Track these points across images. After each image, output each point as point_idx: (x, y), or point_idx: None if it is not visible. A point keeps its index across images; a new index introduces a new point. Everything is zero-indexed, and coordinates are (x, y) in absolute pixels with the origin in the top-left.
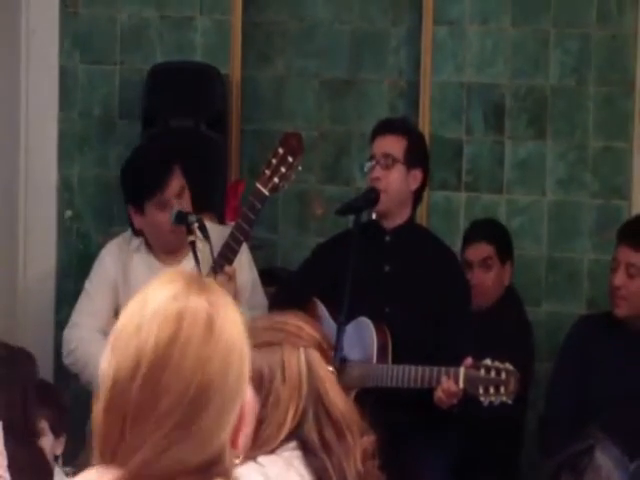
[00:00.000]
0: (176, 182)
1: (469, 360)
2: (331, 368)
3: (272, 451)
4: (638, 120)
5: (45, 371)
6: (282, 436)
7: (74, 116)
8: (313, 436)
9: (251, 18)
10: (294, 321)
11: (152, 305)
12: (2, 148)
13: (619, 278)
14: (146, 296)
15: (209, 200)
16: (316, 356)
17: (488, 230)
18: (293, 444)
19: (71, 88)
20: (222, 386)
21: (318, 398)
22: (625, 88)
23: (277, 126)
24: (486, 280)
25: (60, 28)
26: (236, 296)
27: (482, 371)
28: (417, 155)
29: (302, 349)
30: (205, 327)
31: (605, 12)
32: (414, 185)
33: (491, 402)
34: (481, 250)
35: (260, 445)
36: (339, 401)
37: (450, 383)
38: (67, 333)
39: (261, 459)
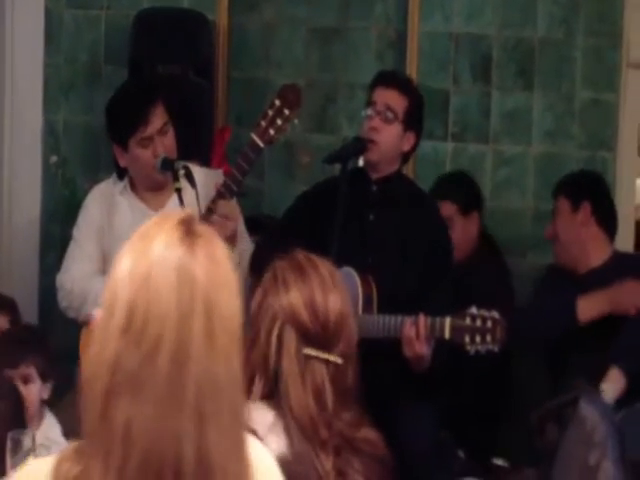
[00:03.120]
0: (158, 118)
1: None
2: (309, 351)
3: None
4: (625, 72)
5: (30, 316)
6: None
7: (60, 61)
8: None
9: None
10: (294, 279)
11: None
12: None
13: (548, 229)
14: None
15: (195, 147)
16: (293, 341)
17: (451, 188)
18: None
19: (57, 33)
20: None
21: (281, 385)
22: (613, 40)
23: (264, 74)
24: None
25: None
26: (234, 237)
27: (467, 320)
28: (415, 118)
29: (280, 319)
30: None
31: None
32: (407, 147)
33: (477, 351)
34: (444, 209)
35: None
36: (299, 407)
37: (412, 329)
38: (60, 278)
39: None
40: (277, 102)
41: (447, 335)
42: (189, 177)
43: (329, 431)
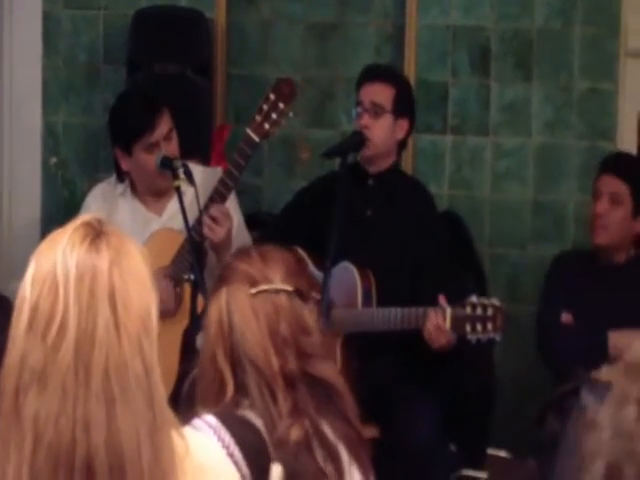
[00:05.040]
0: (164, 124)
1: (442, 297)
2: (256, 289)
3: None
4: (624, 61)
5: None
6: (227, 380)
7: (58, 62)
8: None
9: None
10: (232, 261)
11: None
12: None
13: (602, 206)
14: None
15: (195, 145)
16: (240, 291)
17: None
18: (246, 403)
19: (55, 34)
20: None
21: (235, 338)
22: (611, 29)
23: (263, 71)
24: None
25: None
26: (229, 236)
27: (468, 309)
28: (404, 104)
29: (225, 288)
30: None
31: None
32: (400, 134)
33: (479, 340)
34: None
35: (203, 393)
36: (253, 343)
37: (439, 318)
38: None
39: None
40: (271, 96)
41: (448, 325)
42: (188, 176)
43: (279, 358)
